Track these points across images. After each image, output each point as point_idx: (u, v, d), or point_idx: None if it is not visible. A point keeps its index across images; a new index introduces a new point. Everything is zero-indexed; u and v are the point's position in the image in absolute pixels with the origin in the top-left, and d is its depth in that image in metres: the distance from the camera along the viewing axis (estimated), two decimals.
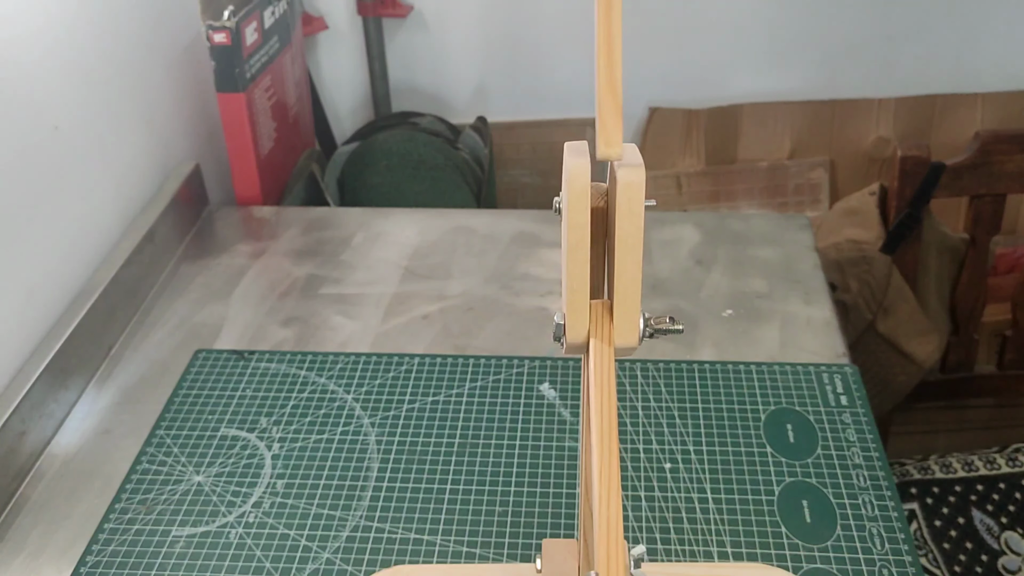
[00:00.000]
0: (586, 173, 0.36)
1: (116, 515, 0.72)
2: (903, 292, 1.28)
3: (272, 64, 1.14)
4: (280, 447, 0.77)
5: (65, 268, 0.88)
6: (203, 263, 1.01)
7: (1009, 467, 1.17)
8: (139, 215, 1.00)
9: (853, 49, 1.56)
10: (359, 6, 1.49)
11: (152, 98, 1.04)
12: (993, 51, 1.55)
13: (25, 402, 0.77)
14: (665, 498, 0.71)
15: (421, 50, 1.55)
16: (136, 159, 1.01)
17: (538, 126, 1.58)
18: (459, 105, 1.59)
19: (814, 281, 0.95)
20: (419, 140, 1.32)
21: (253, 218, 1.10)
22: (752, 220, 1.06)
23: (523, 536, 0.69)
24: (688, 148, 1.60)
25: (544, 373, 0.84)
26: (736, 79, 1.58)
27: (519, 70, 1.57)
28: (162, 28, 1.06)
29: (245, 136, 1.08)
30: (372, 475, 0.74)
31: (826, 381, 0.81)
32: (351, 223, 1.08)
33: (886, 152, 1.58)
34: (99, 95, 0.93)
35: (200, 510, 0.72)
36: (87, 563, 0.68)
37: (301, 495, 0.73)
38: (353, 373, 0.84)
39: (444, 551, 0.68)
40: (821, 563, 0.66)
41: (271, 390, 0.83)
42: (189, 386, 0.84)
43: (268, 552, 0.68)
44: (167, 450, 0.77)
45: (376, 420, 0.79)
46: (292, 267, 1.00)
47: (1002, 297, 1.38)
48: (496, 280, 0.97)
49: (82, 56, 0.90)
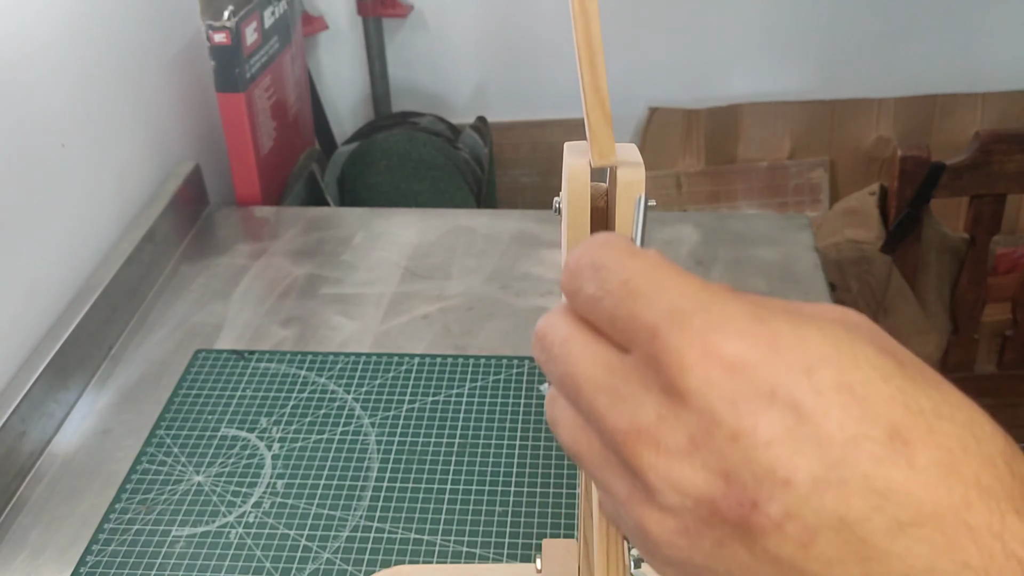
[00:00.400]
0: (586, 173, 0.35)
1: (116, 515, 0.72)
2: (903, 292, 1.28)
3: (272, 64, 1.14)
4: (280, 447, 0.77)
5: (65, 268, 0.88)
6: (203, 263, 1.01)
7: None
8: (139, 215, 1.00)
9: (853, 49, 1.56)
10: (359, 6, 1.49)
11: (152, 98, 1.04)
12: (993, 51, 1.55)
13: (25, 402, 0.77)
14: None
15: (421, 50, 1.55)
16: (136, 159, 1.01)
17: (538, 126, 1.58)
18: (459, 105, 1.59)
19: (814, 281, 0.95)
20: (419, 140, 1.32)
21: (253, 218, 1.10)
22: (752, 220, 1.06)
23: (523, 536, 0.69)
24: (688, 148, 1.60)
25: None
26: (736, 79, 1.58)
27: (519, 70, 1.57)
28: (162, 28, 1.06)
29: (245, 136, 1.08)
30: (372, 475, 0.74)
31: None
32: (351, 223, 1.08)
33: (886, 152, 1.58)
34: (99, 95, 0.93)
35: (200, 510, 0.72)
36: (87, 563, 0.68)
37: (301, 495, 0.73)
38: (353, 373, 0.84)
39: (444, 551, 0.68)
40: None
41: (271, 390, 0.83)
42: (189, 386, 0.84)
43: (268, 552, 0.68)
44: (167, 450, 0.77)
45: (376, 420, 0.79)
46: (292, 267, 1.00)
47: (1002, 297, 1.39)
48: (496, 280, 0.97)
49: (82, 56, 0.90)
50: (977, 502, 0.24)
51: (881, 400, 0.24)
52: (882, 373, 0.25)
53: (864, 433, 0.24)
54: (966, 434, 0.24)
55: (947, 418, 0.25)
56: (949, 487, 0.24)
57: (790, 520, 0.24)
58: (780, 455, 0.24)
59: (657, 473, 0.26)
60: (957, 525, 0.24)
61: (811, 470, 0.24)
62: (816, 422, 0.24)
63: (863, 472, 0.24)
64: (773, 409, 0.24)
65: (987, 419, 0.25)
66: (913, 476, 0.24)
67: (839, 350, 0.25)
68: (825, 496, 0.24)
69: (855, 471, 0.24)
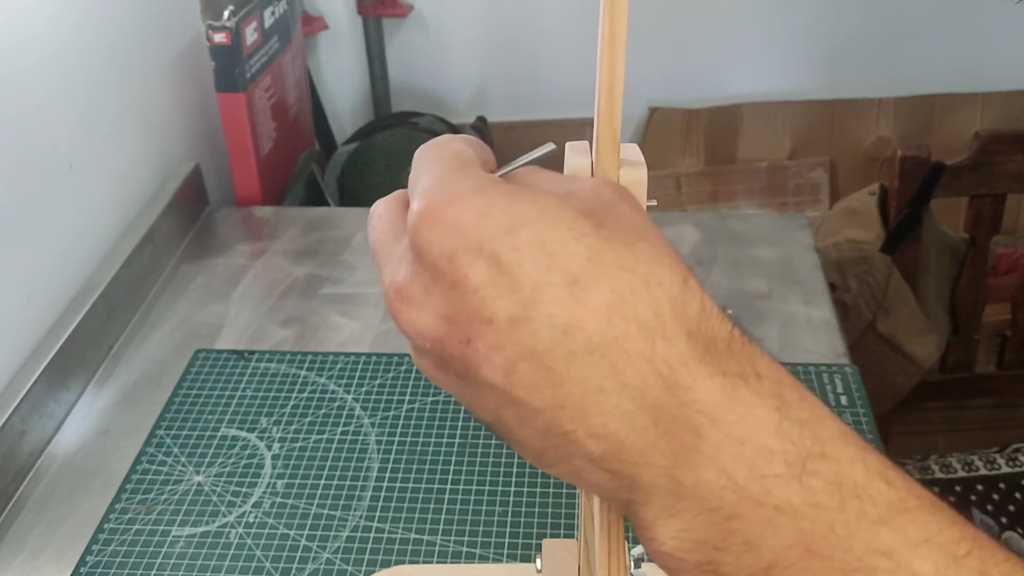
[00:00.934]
0: (587, 173, 0.36)
1: (116, 515, 0.72)
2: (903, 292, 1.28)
3: (272, 64, 1.14)
4: (280, 447, 0.77)
5: (65, 268, 0.88)
6: (203, 263, 1.01)
7: (1009, 467, 1.17)
8: (139, 215, 1.00)
9: (853, 49, 1.56)
10: (359, 6, 1.49)
11: (152, 98, 1.04)
12: (993, 51, 1.55)
13: (25, 402, 0.77)
14: None
15: (421, 50, 1.55)
16: (136, 159, 1.01)
17: (538, 126, 1.58)
18: (459, 105, 1.59)
19: (814, 281, 0.95)
20: (419, 140, 1.32)
21: (253, 218, 1.10)
22: (752, 220, 1.06)
23: (523, 536, 0.69)
24: (688, 148, 1.60)
25: None
26: (736, 79, 1.58)
27: (519, 70, 1.57)
28: (162, 28, 1.06)
29: (245, 136, 1.08)
30: (372, 475, 0.74)
31: (826, 381, 0.81)
32: (351, 223, 1.08)
33: (886, 152, 1.58)
34: (99, 95, 0.93)
35: (200, 510, 0.72)
36: (87, 563, 0.68)
37: (301, 495, 0.73)
38: (353, 373, 0.84)
39: (444, 551, 0.68)
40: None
41: (271, 390, 0.83)
42: (189, 386, 0.84)
43: (268, 552, 0.68)
44: (167, 450, 0.77)
45: (376, 420, 0.79)
46: (292, 267, 1.00)
47: (1002, 297, 1.38)
48: None
49: (82, 56, 0.90)
50: (636, 334, 0.29)
51: (568, 254, 0.29)
52: (575, 233, 0.29)
53: (549, 280, 0.29)
54: (638, 282, 0.29)
55: (628, 269, 0.29)
56: (612, 322, 0.29)
57: (494, 352, 0.29)
58: (484, 299, 0.29)
59: (405, 321, 0.32)
60: (618, 352, 0.29)
61: (508, 311, 0.29)
62: (512, 272, 0.29)
63: (547, 312, 0.29)
64: (479, 261, 0.29)
65: (669, 271, 0.30)
66: (585, 313, 0.29)
67: (542, 215, 0.30)
68: (519, 332, 0.29)
69: (540, 311, 0.29)
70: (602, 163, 0.35)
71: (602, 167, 0.35)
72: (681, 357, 0.29)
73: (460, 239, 0.29)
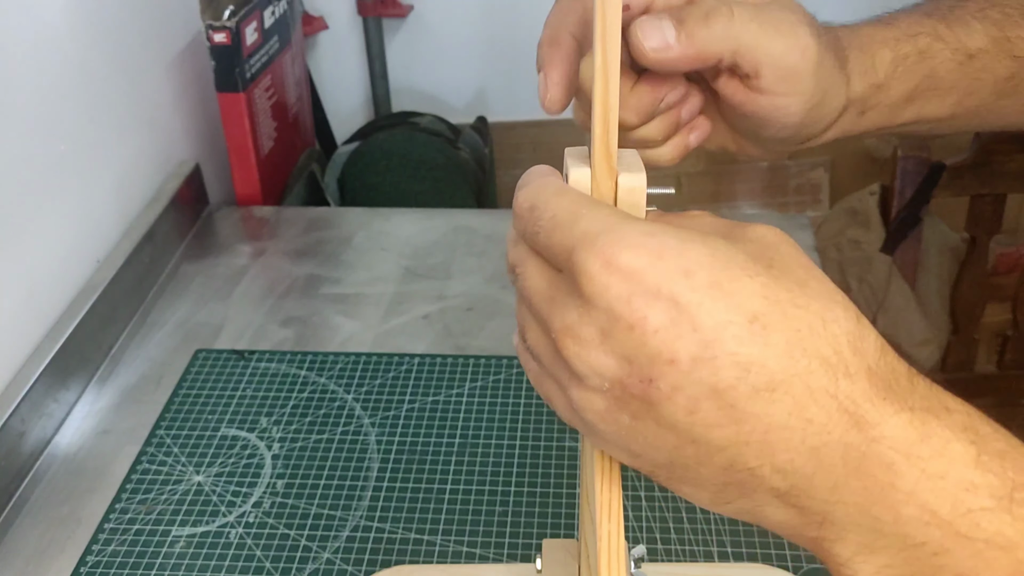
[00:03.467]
0: (586, 180, 0.36)
1: (116, 515, 0.72)
2: (903, 292, 1.28)
3: (272, 64, 1.14)
4: (280, 447, 0.77)
5: (65, 268, 0.88)
6: (203, 263, 1.01)
7: None
8: (139, 215, 1.00)
9: None
10: (359, 6, 1.49)
11: (152, 98, 1.04)
12: None
13: (25, 402, 0.77)
14: (665, 498, 0.71)
15: (421, 50, 1.55)
16: (136, 159, 1.01)
17: (538, 126, 1.58)
18: (459, 105, 1.59)
19: None
20: (419, 140, 1.32)
21: (253, 218, 1.10)
22: (752, 220, 1.06)
23: (523, 536, 0.69)
24: None
25: None
26: None
27: (519, 70, 1.57)
28: (162, 28, 1.06)
29: (245, 136, 1.08)
30: (372, 475, 0.74)
31: None
32: (351, 223, 1.08)
33: (886, 152, 1.58)
34: (99, 95, 0.93)
35: (200, 510, 0.72)
36: (87, 563, 0.68)
37: (301, 495, 0.73)
38: (353, 373, 0.84)
39: (444, 551, 0.68)
40: (821, 563, 0.65)
41: (271, 390, 0.83)
42: (189, 386, 0.84)
43: (268, 552, 0.68)
44: (167, 450, 0.77)
45: (376, 420, 0.79)
46: (292, 267, 1.00)
47: (1002, 297, 1.39)
48: (496, 280, 0.97)
49: (82, 56, 0.90)
50: (818, 370, 0.30)
51: (745, 294, 0.30)
52: (748, 272, 0.30)
53: (729, 319, 0.30)
54: (815, 319, 0.30)
55: (802, 307, 0.30)
56: (794, 358, 0.29)
57: (677, 392, 0.30)
58: (665, 339, 0.30)
59: (580, 360, 0.32)
60: (801, 388, 0.29)
61: (689, 351, 0.30)
62: (692, 312, 0.30)
63: (729, 350, 0.29)
64: (658, 304, 0.30)
65: (843, 309, 0.31)
66: (767, 351, 0.29)
67: (714, 257, 0.31)
68: (702, 371, 0.30)
69: (722, 349, 0.29)
70: (599, 185, 0.36)
71: (599, 191, 0.36)
72: (865, 393, 0.30)
73: (637, 283, 0.30)
